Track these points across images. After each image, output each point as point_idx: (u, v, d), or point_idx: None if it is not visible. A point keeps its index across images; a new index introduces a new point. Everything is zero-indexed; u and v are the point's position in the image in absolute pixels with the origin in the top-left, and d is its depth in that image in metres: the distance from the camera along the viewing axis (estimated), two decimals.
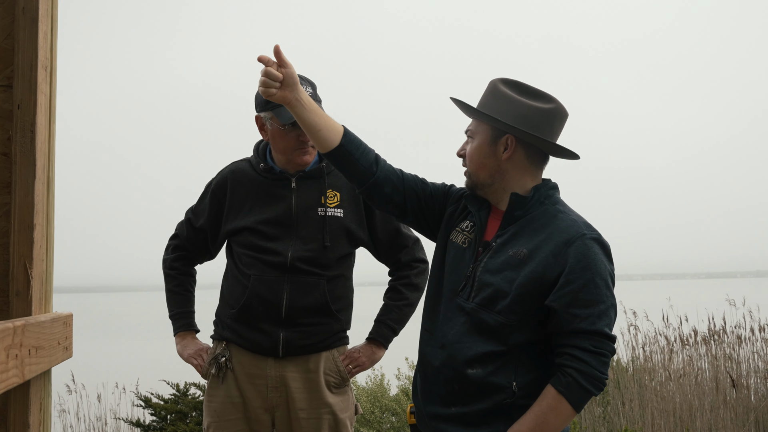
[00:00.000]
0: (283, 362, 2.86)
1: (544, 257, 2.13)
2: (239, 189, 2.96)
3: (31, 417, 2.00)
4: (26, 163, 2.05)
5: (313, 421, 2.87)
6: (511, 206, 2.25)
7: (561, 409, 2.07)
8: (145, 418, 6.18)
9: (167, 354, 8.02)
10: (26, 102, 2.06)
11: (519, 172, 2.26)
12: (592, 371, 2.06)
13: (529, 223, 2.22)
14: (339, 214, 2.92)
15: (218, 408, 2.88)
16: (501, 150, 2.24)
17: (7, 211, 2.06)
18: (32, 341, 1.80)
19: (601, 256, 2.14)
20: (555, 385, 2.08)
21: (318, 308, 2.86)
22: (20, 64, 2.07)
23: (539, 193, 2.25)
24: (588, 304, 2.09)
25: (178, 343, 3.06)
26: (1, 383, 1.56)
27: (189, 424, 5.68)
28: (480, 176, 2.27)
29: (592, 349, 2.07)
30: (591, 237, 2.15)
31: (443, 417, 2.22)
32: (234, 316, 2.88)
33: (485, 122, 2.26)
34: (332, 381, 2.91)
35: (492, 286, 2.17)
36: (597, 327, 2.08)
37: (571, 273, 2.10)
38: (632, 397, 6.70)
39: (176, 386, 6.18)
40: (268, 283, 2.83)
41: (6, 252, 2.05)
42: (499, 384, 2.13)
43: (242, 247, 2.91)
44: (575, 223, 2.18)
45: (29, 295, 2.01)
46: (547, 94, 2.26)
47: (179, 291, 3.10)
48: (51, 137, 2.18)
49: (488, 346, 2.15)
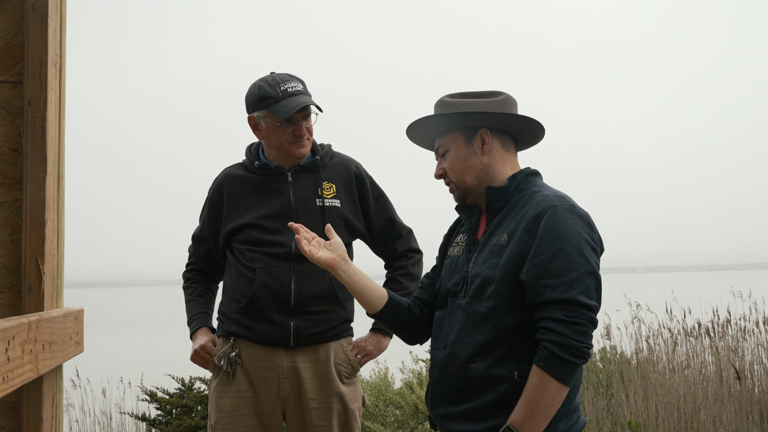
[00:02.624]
0: (294, 353, 2.88)
1: (519, 235, 2.13)
2: (235, 190, 3.00)
3: (44, 411, 2.01)
4: (37, 159, 2.05)
5: (324, 410, 2.89)
6: (488, 200, 2.28)
7: (546, 385, 2.02)
8: (150, 413, 6.20)
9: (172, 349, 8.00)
10: (37, 98, 2.06)
11: (500, 162, 2.30)
12: (567, 341, 2.00)
13: (509, 210, 2.24)
14: (336, 204, 2.97)
15: (228, 404, 2.89)
16: (479, 146, 2.28)
17: (18, 206, 2.07)
18: (46, 336, 1.81)
19: (575, 224, 2.10)
20: (536, 362, 2.04)
21: (325, 295, 2.89)
22: (30, 60, 2.07)
23: (516, 181, 2.27)
24: (558, 273, 2.05)
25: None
26: (17, 378, 1.57)
27: (194, 418, 5.70)
28: (467, 181, 2.30)
29: (565, 318, 2.01)
30: (563, 207, 2.13)
31: (453, 415, 2.22)
32: (242, 309, 2.89)
33: (453, 127, 2.29)
34: (344, 371, 2.95)
35: (479, 276, 2.18)
36: (568, 295, 2.02)
37: (540, 244, 2.08)
38: (636, 390, 6.71)
39: (181, 380, 6.20)
40: (275, 273, 2.86)
41: (18, 248, 2.06)
42: (501, 375, 2.12)
43: (244, 244, 2.93)
44: (547, 197, 2.17)
45: (41, 291, 2.02)
46: (493, 90, 2.31)
47: (192, 298, 3.15)
48: (61, 133, 2.18)
49: (482, 335, 2.14)
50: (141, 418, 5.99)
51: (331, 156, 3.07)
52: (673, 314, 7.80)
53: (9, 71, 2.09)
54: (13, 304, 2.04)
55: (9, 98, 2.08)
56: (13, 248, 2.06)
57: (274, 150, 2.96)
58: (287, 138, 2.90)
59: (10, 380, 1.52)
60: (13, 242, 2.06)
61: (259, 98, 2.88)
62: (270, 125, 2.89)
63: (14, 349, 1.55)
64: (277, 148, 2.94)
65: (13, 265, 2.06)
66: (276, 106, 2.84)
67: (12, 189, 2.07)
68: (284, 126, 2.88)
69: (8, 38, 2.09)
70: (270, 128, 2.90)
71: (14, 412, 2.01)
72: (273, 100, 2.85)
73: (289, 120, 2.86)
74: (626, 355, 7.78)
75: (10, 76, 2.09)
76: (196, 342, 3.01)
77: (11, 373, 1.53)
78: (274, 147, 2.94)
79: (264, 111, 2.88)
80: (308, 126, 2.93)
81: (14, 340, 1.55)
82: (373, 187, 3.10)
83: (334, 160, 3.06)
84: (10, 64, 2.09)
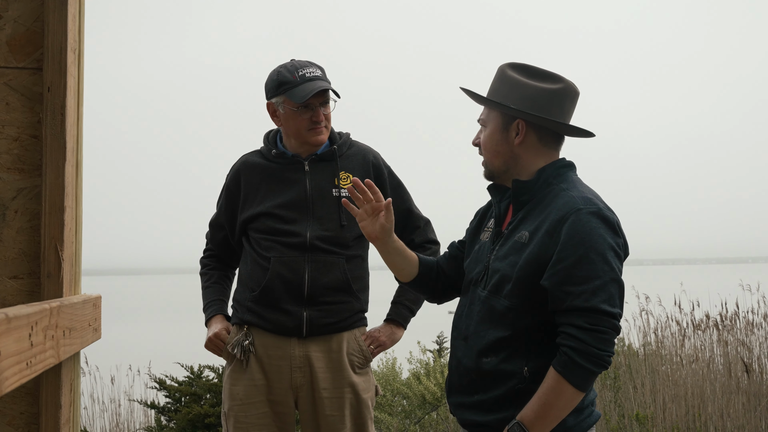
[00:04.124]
0: (307, 342, 2.88)
1: (541, 237, 2.10)
2: (252, 179, 2.99)
3: (62, 397, 2.02)
4: (57, 146, 2.05)
5: (336, 400, 2.90)
6: (514, 192, 2.24)
7: (562, 390, 2.03)
8: (159, 400, 6.22)
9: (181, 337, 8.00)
10: (56, 85, 2.06)
11: (532, 155, 2.25)
12: (588, 348, 2.00)
13: (535, 205, 2.20)
14: None
15: (241, 392, 2.90)
16: (513, 135, 2.23)
17: (37, 193, 2.07)
18: (66, 322, 1.82)
19: (600, 229, 2.07)
20: (554, 366, 2.05)
21: (339, 286, 2.89)
22: (50, 46, 2.07)
23: (545, 174, 2.22)
24: (581, 280, 2.02)
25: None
26: (39, 364, 1.57)
27: (203, 406, 5.71)
28: (495, 164, 2.27)
29: (587, 326, 2.00)
30: (588, 211, 2.08)
31: (467, 405, 2.24)
32: (255, 298, 2.90)
33: (495, 109, 2.25)
34: (356, 361, 2.95)
35: (499, 272, 2.17)
36: (591, 303, 2.01)
37: (563, 250, 2.05)
38: (643, 382, 6.70)
39: (190, 368, 6.21)
40: (289, 263, 2.86)
41: (37, 234, 2.06)
42: (511, 370, 2.13)
43: (260, 233, 2.93)
44: (572, 198, 2.12)
45: (60, 277, 2.03)
46: (555, 75, 2.25)
47: (209, 284, 3.15)
48: (79, 120, 2.18)
49: (498, 332, 2.15)
50: (150, 406, 6.01)
51: (349, 145, 3.06)
52: (681, 307, 7.79)
53: (28, 57, 2.09)
54: (32, 290, 2.05)
55: (28, 84, 2.08)
56: (32, 234, 2.06)
57: (292, 137, 2.95)
58: (305, 125, 2.89)
59: (33, 366, 1.53)
60: (32, 228, 2.06)
61: (278, 83, 2.87)
62: (288, 111, 2.88)
63: (37, 334, 1.55)
64: (295, 135, 2.93)
65: (32, 252, 2.06)
66: (293, 90, 2.83)
67: (31, 175, 2.07)
68: (301, 112, 2.87)
69: (27, 24, 2.08)
70: (288, 114, 2.89)
71: (33, 398, 2.02)
72: (291, 85, 2.84)
73: (306, 105, 2.85)
74: (634, 348, 7.78)
75: (29, 63, 2.09)
76: (210, 329, 3.02)
77: (34, 359, 1.53)
78: (292, 134, 2.94)
79: (282, 96, 2.87)
80: (326, 113, 2.92)
81: (37, 325, 1.55)
82: (391, 177, 3.08)
83: (352, 150, 3.05)
84: (30, 51, 2.09)
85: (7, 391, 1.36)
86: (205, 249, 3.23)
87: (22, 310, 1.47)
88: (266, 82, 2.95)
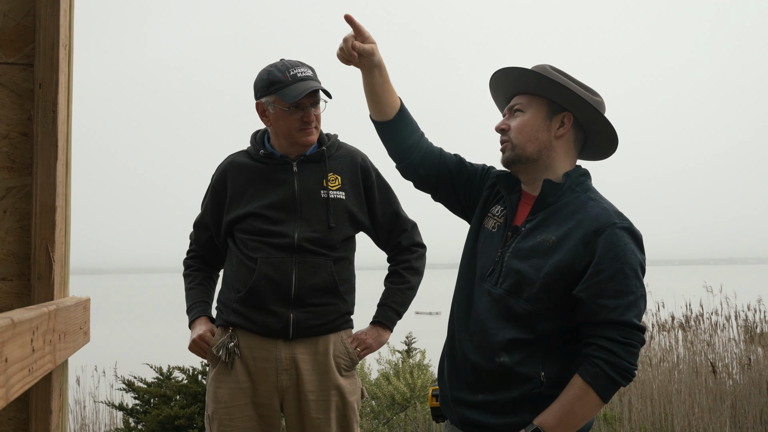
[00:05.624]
0: (293, 344, 2.85)
1: (573, 246, 2.10)
2: (239, 178, 2.95)
3: (53, 402, 1.96)
4: (48, 144, 1.99)
5: (322, 403, 2.87)
6: (543, 192, 2.22)
7: (587, 400, 2.04)
8: (127, 402, 6.12)
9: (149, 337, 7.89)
10: (48, 81, 2.00)
11: (564, 152, 2.25)
12: (620, 362, 2.04)
13: (559, 209, 2.19)
14: (341, 196, 2.93)
15: (226, 394, 2.86)
16: (556, 126, 2.22)
17: (27, 192, 2.00)
18: (61, 326, 1.76)
19: (632, 245, 2.11)
20: (582, 375, 2.06)
21: (326, 288, 2.86)
22: (41, 41, 2.00)
23: (570, 179, 2.22)
24: (617, 294, 2.06)
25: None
26: (39, 370, 1.52)
27: (173, 407, 5.62)
28: (527, 150, 2.22)
29: (621, 339, 2.04)
30: (621, 226, 2.12)
31: (469, 403, 2.21)
32: (241, 299, 2.86)
33: (542, 94, 2.22)
34: (343, 364, 2.92)
35: (519, 273, 2.15)
36: (626, 318, 2.05)
37: (601, 263, 2.07)
38: None
39: (159, 369, 6.12)
40: (276, 264, 2.82)
41: (27, 235, 1.99)
42: (527, 374, 2.11)
43: (246, 233, 2.89)
44: (606, 211, 2.15)
45: (51, 279, 1.96)
46: (592, 88, 2.26)
47: (193, 286, 3.11)
48: (69, 117, 2.12)
49: (515, 332, 2.13)
50: (119, 408, 5.90)
51: (337, 147, 3.03)
52: (647, 308, 7.89)
53: (18, 53, 2.02)
54: (21, 293, 1.98)
55: (18, 81, 2.01)
56: (21, 235, 2.00)
57: (281, 137, 2.92)
58: (295, 125, 2.85)
59: (34, 372, 1.48)
60: (22, 229, 2.00)
61: (268, 83, 2.83)
62: (278, 111, 2.85)
63: (37, 339, 1.50)
64: (285, 136, 2.89)
65: (22, 253, 1.99)
66: (285, 90, 2.79)
67: (21, 174, 2.01)
68: (292, 112, 2.83)
69: (18, 19, 2.02)
70: (278, 114, 2.86)
71: (23, 403, 1.96)
72: (282, 85, 2.80)
73: (297, 105, 2.82)
74: None
75: (19, 58, 2.02)
76: (194, 331, 2.97)
77: (35, 365, 1.48)
78: (282, 134, 2.90)
79: (272, 96, 2.83)
80: (317, 113, 2.89)
81: (38, 330, 1.50)
82: (379, 179, 3.06)
83: (340, 151, 3.02)
84: (20, 46, 2.02)
85: (11, 400, 1.32)
86: (188, 250, 3.18)
87: (25, 315, 1.42)
88: (255, 82, 2.90)
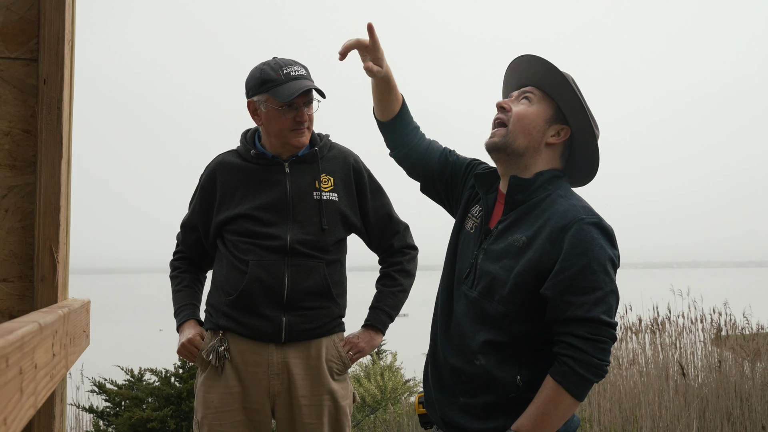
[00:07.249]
0: (285, 348, 2.81)
1: (541, 244, 2.08)
2: (229, 179, 2.90)
3: (55, 408, 1.91)
4: (52, 142, 1.93)
5: (315, 407, 2.83)
6: (510, 190, 2.20)
7: (560, 400, 2.01)
8: (98, 404, 6.00)
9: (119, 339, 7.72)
10: (53, 77, 1.93)
11: (547, 160, 2.23)
12: (589, 358, 1.99)
13: (530, 209, 2.17)
14: (334, 198, 2.89)
15: (216, 399, 2.81)
16: (551, 133, 2.21)
17: (30, 191, 1.93)
18: (72, 330, 1.71)
19: (601, 240, 2.06)
20: (553, 375, 2.03)
21: (319, 291, 2.83)
22: (46, 36, 1.94)
23: (542, 178, 2.19)
24: (584, 291, 2.02)
25: None
26: (58, 375, 1.48)
27: (146, 410, 5.54)
28: (517, 141, 2.20)
29: (589, 336, 2.00)
30: (589, 221, 2.08)
31: (451, 406, 2.20)
32: (232, 302, 2.81)
33: (555, 97, 2.20)
34: (335, 368, 2.89)
35: (491, 275, 2.13)
36: (593, 314, 2.00)
37: (567, 259, 2.04)
38: None
39: (130, 372, 6.02)
40: (269, 267, 2.78)
41: (29, 235, 1.92)
42: (503, 377, 2.10)
43: (237, 235, 2.84)
44: (573, 207, 2.11)
45: (55, 281, 1.90)
46: (593, 116, 2.26)
47: (180, 288, 3.04)
48: (71, 114, 2.07)
49: (490, 335, 2.11)
50: (89, 410, 5.78)
51: (329, 147, 3.00)
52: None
53: (22, 48, 1.95)
54: (23, 294, 1.92)
55: (21, 76, 1.95)
56: (23, 235, 1.93)
57: (272, 137, 2.87)
58: (288, 125, 2.80)
59: (54, 377, 1.43)
60: (24, 229, 1.93)
61: (261, 81, 2.78)
62: (270, 110, 2.80)
63: (56, 344, 1.46)
64: (277, 135, 2.84)
65: (24, 253, 1.92)
66: (278, 89, 2.74)
67: (23, 173, 1.94)
68: (285, 111, 2.78)
69: (21, 12, 1.95)
70: (270, 113, 2.81)
71: None
72: (275, 84, 2.75)
73: (290, 105, 2.77)
74: None
75: (22, 53, 1.95)
76: (183, 335, 2.91)
77: (54, 370, 1.44)
78: (274, 134, 2.85)
79: (265, 95, 2.78)
80: (309, 113, 2.85)
81: (57, 334, 1.46)
82: (371, 181, 3.03)
83: (332, 152, 2.99)
84: (23, 40, 1.96)
85: (39, 407, 1.27)
86: (175, 251, 3.12)
87: (47, 318, 1.37)
88: (247, 80, 2.85)
